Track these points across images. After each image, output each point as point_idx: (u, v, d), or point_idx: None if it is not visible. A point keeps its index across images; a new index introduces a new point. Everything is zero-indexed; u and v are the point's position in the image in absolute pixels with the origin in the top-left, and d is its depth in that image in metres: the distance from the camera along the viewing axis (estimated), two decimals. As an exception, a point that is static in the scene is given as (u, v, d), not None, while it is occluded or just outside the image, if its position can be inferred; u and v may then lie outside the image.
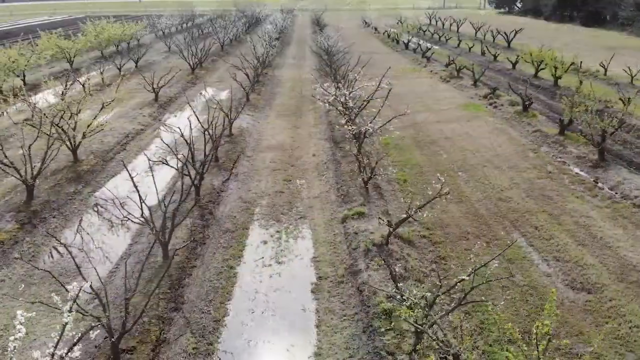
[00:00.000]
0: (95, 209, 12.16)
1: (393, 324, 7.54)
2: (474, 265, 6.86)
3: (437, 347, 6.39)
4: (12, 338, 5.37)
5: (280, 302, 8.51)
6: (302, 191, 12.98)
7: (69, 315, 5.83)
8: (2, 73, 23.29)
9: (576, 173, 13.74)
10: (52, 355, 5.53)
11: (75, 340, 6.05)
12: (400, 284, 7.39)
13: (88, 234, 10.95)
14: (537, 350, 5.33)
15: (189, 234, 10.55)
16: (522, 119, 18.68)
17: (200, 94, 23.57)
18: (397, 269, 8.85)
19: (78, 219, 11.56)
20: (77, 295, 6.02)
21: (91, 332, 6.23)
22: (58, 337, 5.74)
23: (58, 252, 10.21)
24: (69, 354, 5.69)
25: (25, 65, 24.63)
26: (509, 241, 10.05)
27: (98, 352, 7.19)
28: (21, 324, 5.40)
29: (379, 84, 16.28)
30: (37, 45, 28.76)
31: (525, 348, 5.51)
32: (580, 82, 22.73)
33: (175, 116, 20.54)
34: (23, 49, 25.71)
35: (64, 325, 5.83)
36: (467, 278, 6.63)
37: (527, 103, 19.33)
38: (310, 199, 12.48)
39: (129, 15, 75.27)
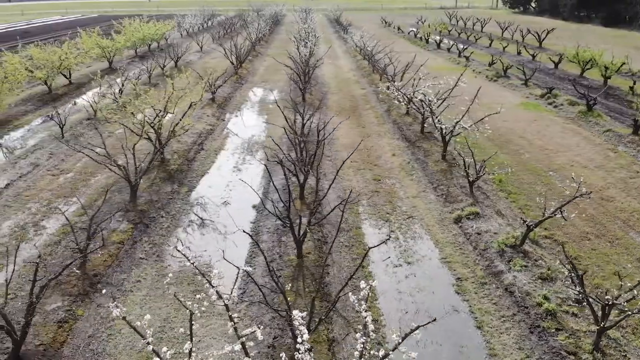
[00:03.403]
0: (202, 211, 12.10)
1: (561, 323, 7.49)
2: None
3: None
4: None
5: (429, 303, 8.45)
6: (397, 191, 12.91)
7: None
8: (53, 71, 23.19)
9: (667, 172, 13.72)
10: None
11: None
12: (580, 289, 7.30)
13: (202, 233, 10.88)
14: None
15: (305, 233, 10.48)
16: (588, 118, 18.65)
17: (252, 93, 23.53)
18: (540, 270, 8.82)
19: (187, 219, 11.49)
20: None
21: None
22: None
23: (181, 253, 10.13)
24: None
25: (75, 64, 24.53)
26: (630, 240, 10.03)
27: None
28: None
29: (457, 82, 16.29)
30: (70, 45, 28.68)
31: None
32: (634, 83, 22.76)
33: (237, 116, 20.46)
34: (67, 48, 25.60)
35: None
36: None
37: (591, 103, 19.30)
38: (410, 199, 12.42)
39: (140, 14, 75.20)
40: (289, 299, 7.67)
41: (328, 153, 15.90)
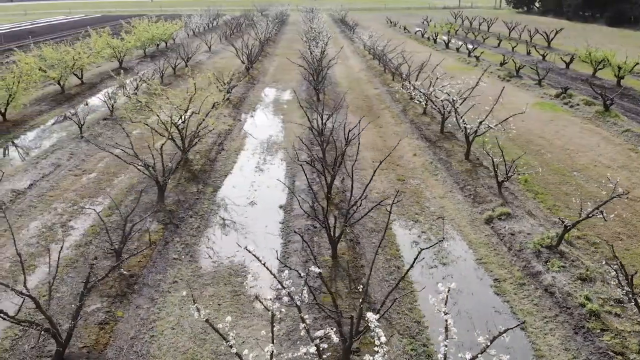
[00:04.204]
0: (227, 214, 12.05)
1: (605, 324, 7.46)
2: None
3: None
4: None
5: (469, 304, 8.40)
6: (423, 191, 12.87)
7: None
8: (66, 71, 23.14)
9: (692, 173, 13.69)
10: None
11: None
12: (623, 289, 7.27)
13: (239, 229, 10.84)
14: None
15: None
16: (605, 118, 18.62)
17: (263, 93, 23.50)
18: (579, 271, 8.79)
19: (216, 219, 11.44)
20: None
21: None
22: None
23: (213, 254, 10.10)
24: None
25: (88, 64, 24.48)
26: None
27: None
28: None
29: (478, 82, 16.27)
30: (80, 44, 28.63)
31: None
32: (648, 82, 22.74)
33: (252, 116, 20.42)
34: (80, 48, 25.54)
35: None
36: None
37: (608, 103, 19.28)
38: (437, 199, 12.38)
39: (145, 14, 75.12)
40: (327, 299, 7.66)
41: (349, 152, 15.84)
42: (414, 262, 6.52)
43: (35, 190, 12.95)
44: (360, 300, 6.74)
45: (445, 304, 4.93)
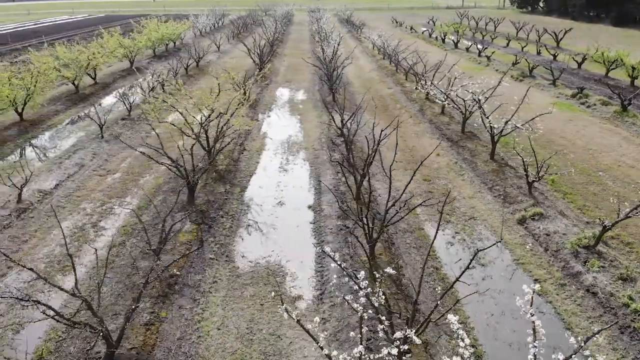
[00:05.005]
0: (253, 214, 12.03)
1: (653, 325, 7.46)
2: None
3: None
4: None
5: (512, 305, 8.38)
6: (451, 191, 12.85)
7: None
8: (80, 71, 23.11)
9: None
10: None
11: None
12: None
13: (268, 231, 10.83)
14: None
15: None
16: (624, 118, 18.62)
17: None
18: (619, 271, 8.78)
19: (246, 219, 11.43)
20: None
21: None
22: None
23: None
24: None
25: (103, 64, 24.45)
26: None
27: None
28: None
29: (500, 81, 16.27)
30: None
31: None
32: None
33: (269, 116, 20.40)
34: (94, 47, 25.52)
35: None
36: None
37: (626, 103, 19.27)
38: (467, 200, 12.37)
39: (148, 14, 75.11)
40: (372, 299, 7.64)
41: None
42: (469, 264, 6.49)
43: (61, 191, 12.93)
44: (413, 302, 6.72)
45: (531, 305, 4.89)
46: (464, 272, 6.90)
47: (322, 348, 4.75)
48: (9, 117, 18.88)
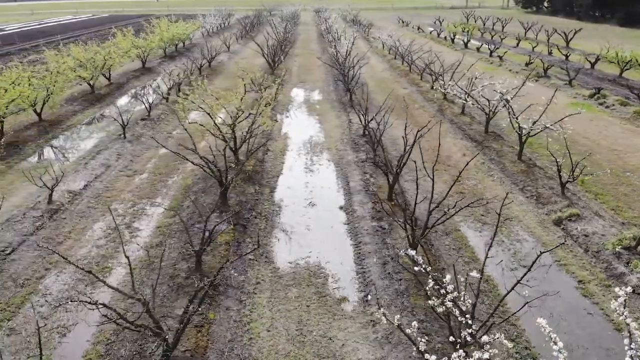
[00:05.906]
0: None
1: None
2: None
3: None
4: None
5: (559, 307, 8.37)
6: (482, 192, 12.84)
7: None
8: (96, 71, 23.07)
9: None
10: None
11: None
12: None
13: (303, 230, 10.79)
14: None
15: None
16: (645, 119, 18.61)
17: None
18: (665, 272, 8.74)
19: (279, 220, 11.39)
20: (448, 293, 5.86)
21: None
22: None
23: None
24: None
25: (118, 64, 24.41)
26: None
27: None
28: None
29: (525, 81, 16.25)
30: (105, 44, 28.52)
31: None
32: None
33: (287, 117, 20.36)
34: (110, 47, 25.47)
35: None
36: None
37: (646, 103, 19.27)
38: (499, 200, 12.32)
39: (152, 14, 75.08)
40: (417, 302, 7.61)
41: (395, 153, 15.81)
42: (531, 266, 6.48)
43: (90, 191, 12.89)
44: (472, 304, 6.69)
45: (625, 307, 4.86)
46: (525, 275, 6.88)
47: (423, 353, 4.71)
48: (28, 118, 18.83)
